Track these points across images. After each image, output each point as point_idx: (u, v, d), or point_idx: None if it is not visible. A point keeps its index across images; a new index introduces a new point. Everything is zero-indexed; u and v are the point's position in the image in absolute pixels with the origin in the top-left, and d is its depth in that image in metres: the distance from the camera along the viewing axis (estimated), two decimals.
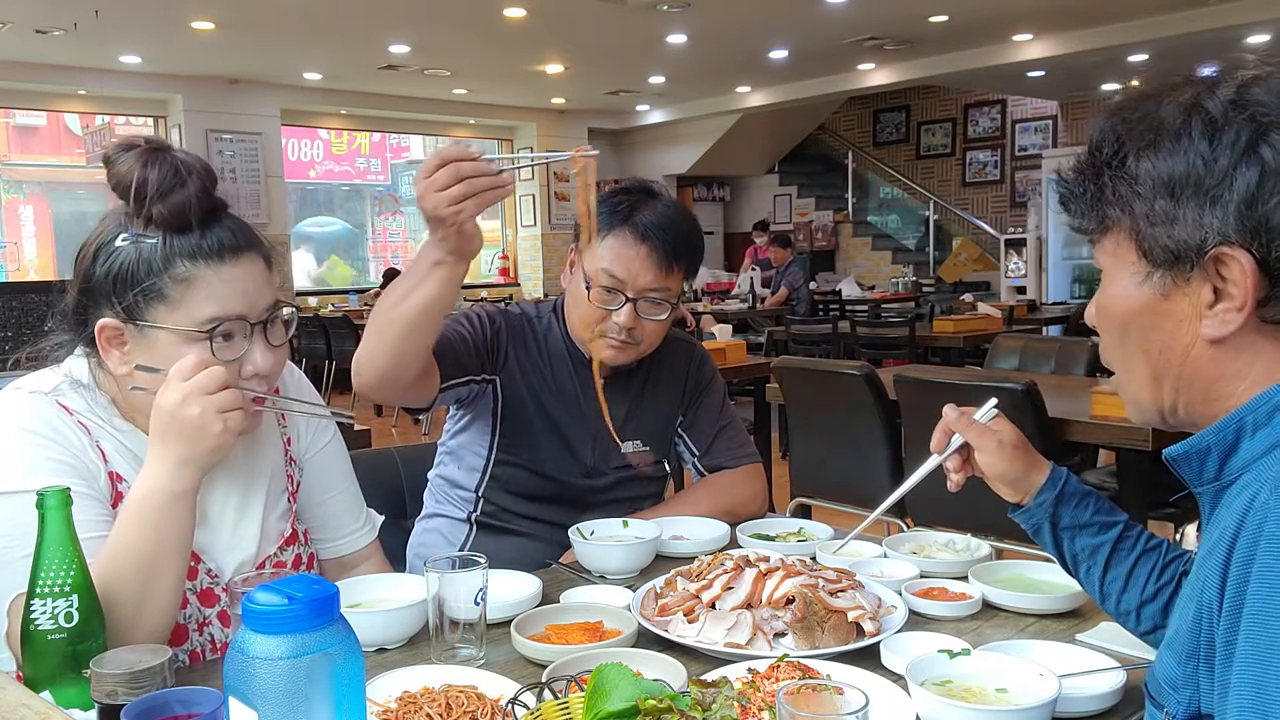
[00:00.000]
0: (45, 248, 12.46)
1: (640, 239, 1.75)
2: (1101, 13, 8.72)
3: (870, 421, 3.49)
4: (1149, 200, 0.82)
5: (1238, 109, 0.79)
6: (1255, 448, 0.79)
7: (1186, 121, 0.81)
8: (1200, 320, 0.82)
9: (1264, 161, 0.77)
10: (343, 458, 1.57)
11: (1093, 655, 1.19)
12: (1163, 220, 0.82)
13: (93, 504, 1.22)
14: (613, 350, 1.80)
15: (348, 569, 1.55)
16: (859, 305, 9.40)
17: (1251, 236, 0.78)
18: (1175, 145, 0.81)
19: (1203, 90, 0.81)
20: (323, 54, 9.70)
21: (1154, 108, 0.84)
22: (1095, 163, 0.88)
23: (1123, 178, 0.84)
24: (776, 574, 1.33)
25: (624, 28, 8.77)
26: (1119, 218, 0.86)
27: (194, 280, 1.24)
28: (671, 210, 1.81)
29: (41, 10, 7.72)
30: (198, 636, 1.33)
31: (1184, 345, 0.84)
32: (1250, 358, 0.81)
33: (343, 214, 14.75)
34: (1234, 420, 0.80)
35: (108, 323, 1.25)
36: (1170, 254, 0.82)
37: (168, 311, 1.24)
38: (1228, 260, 0.79)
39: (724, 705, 0.94)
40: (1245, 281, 0.78)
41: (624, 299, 1.77)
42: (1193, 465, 0.84)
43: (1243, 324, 0.80)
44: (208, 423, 1.17)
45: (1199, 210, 0.79)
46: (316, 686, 0.79)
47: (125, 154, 1.24)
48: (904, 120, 15.21)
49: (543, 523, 1.84)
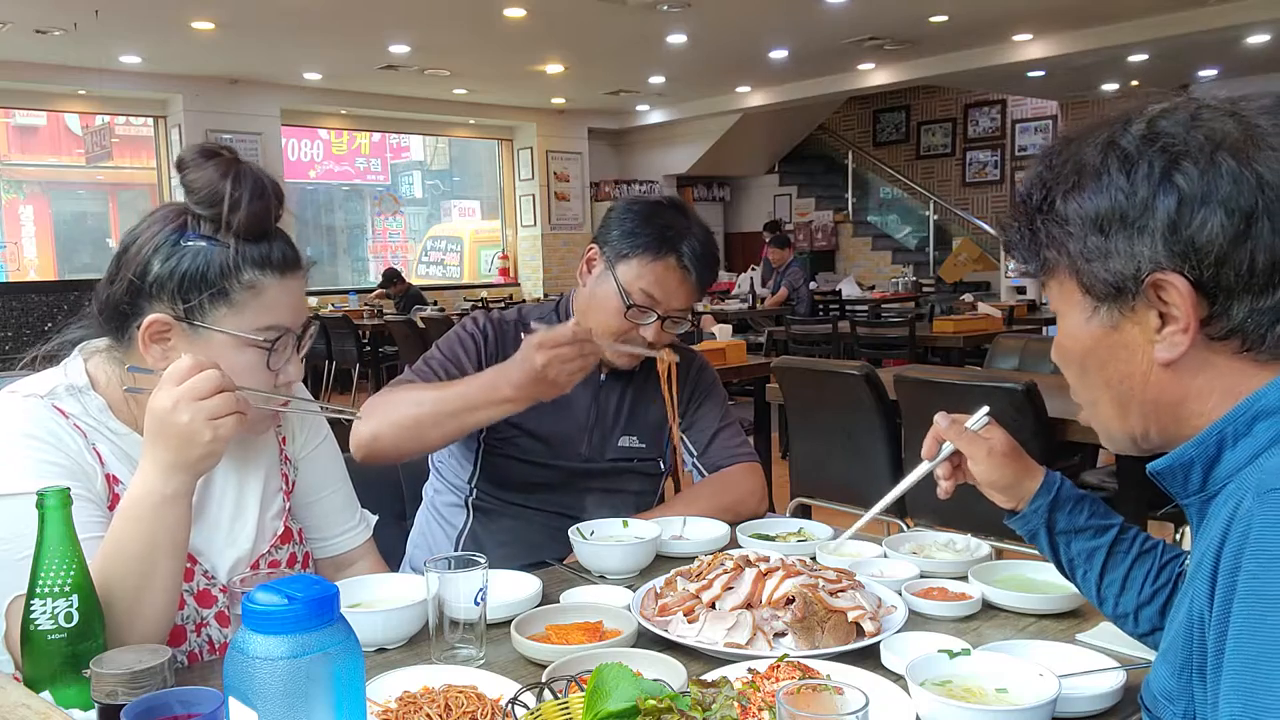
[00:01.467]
0: (45, 248, 12.46)
1: (686, 269, 1.82)
2: (1101, 13, 8.72)
3: (870, 421, 3.49)
4: (1081, 239, 0.86)
5: (1148, 142, 0.83)
6: (1238, 457, 0.81)
7: (1105, 159, 0.85)
8: (1152, 345, 0.85)
9: (1179, 189, 0.80)
10: (336, 457, 1.58)
11: (1093, 655, 1.19)
12: (1097, 256, 0.85)
13: (89, 506, 1.22)
14: (629, 359, 1.87)
15: (343, 568, 1.56)
16: (859, 305, 9.40)
17: (1182, 260, 0.81)
18: (1097, 184, 0.85)
19: (1117, 128, 0.86)
20: (323, 54, 9.70)
21: (1075, 151, 0.88)
22: (1027, 209, 0.92)
23: (1054, 220, 0.88)
24: (776, 574, 1.33)
25: (624, 28, 8.77)
26: (1056, 259, 0.89)
27: (260, 289, 1.28)
28: (707, 237, 1.89)
29: (41, 10, 7.72)
30: (195, 638, 1.33)
31: (1142, 372, 0.87)
32: (1209, 376, 0.84)
33: (343, 214, 14.76)
34: (1215, 432, 0.82)
35: (158, 318, 1.26)
36: (1111, 287, 0.85)
37: (230, 315, 1.27)
38: (1165, 285, 0.82)
39: (724, 705, 0.94)
40: (1185, 304, 0.81)
41: (655, 316, 1.82)
42: (1177, 478, 0.86)
43: (1191, 344, 0.82)
44: (197, 430, 1.16)
45: (1128, 242, 0.83)
46: (316, 686, 0.79)
47: (206, 162, 1.27)
48: (904, 120, 15.21)
49: (539, 510, 1.87)
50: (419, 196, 15.78)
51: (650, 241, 1.81)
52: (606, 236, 1.86)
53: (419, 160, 15.62)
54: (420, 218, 15.64)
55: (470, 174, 15.56)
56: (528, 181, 13.65)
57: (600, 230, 1.89)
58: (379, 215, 14.98)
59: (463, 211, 15.43)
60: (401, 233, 15.25)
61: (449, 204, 15.70)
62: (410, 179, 15.71)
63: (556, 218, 13.64)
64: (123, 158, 12.69)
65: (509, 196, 13.96)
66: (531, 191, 13.60)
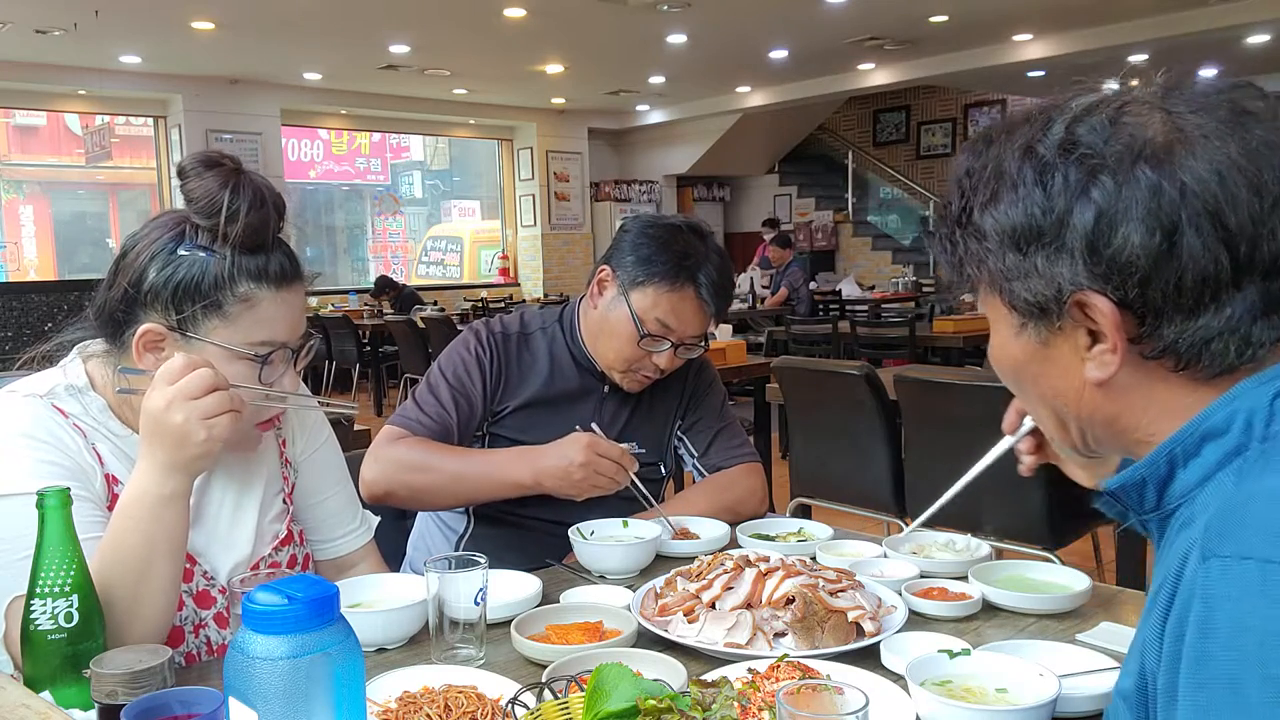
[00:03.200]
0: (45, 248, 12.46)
1: (703, 299, 1.80)
2: (1101, 13, 8.72)
3: (870, 421, 3.49)
4: (999, 255, 0.81)
5: (1065, 151, 0.77)
6: (1190, 477, 0.77)
7: (1021, 168, 0.79)
8: (1083, 364, 0.80)
9: (1096, 203, 0.75)
10: (337, 459, 1.57)
11: (1093, 655, 1.19)
12: (1017, 275, 0.80)
13: (88, 506, 1.22)
14: (639, 384, 1.87)
15: (344, 570, 1.55)
16: (859, 305, 9.38)
17: (1104, 280, 0.75)
18: (1014, 195, 0.79)
19: (1036, 131, 0.80)
20: (323, 54, 9.71)
21: (995, 155, 0.82)
22: (947, 220, 0.86)
23: (972, 234, 0.83)
24: (776, 574, 1.33)
25: (624, 28, 8.77)
26: (977, 275, 0.84)
27: (254, 301, 1.26)
28: (724, 264, 1.85)
29: (41, 10, 7.72)
30: (193, 639, 1.33)
31: (1075, 389, 0.82)
32: (1144, 393, 0.79)
33: (343, 214, 14.75)
34: (1164, 452, 0.78)
35: (151, 328, 1.25)
36: (1034, 306, 0.80)
37: (223, 327, 1.25)
38: (1088, 305, 0.77)
39: (724, 705, 0.94)
40: (1110, 324, 0.76)
41: (669, 345, 1.81)
42: (1131, 496, 0.82)
43: (1122, 363, 0.78)
44: (192, 430, 1.16)
45: (1047, 261, 0.78)
46: (316, 686, 0.79)
47: (206, 171, 1.26)
48: (904, 120, 15.22)
49: (540, 520, 1.85)
50: (419, 196, 15.79)
51: (667, 270, 1.77)
52: (621, 260, 1.82)
53: (419, 160, 15.62)
54: (420, 218, 15.64)
55: (470, 174, 15.56)
56: (528, 181, 13.65)
57: (614, 251, 1.85)
58: (379, 215, 14.98)
59: (463, 211, 15.44)
60: (401, 233, 15.25)
61: (449, 204, 15.71)
62: (410, 179, 15.71)
63: (556, 218, 13.64)
64: (123, 158, 12.69)
65: (509, 196, 13.97)
66: (531, 191, 13.60)
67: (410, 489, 1.77)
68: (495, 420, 1.88)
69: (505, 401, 1.88)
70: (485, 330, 1.93)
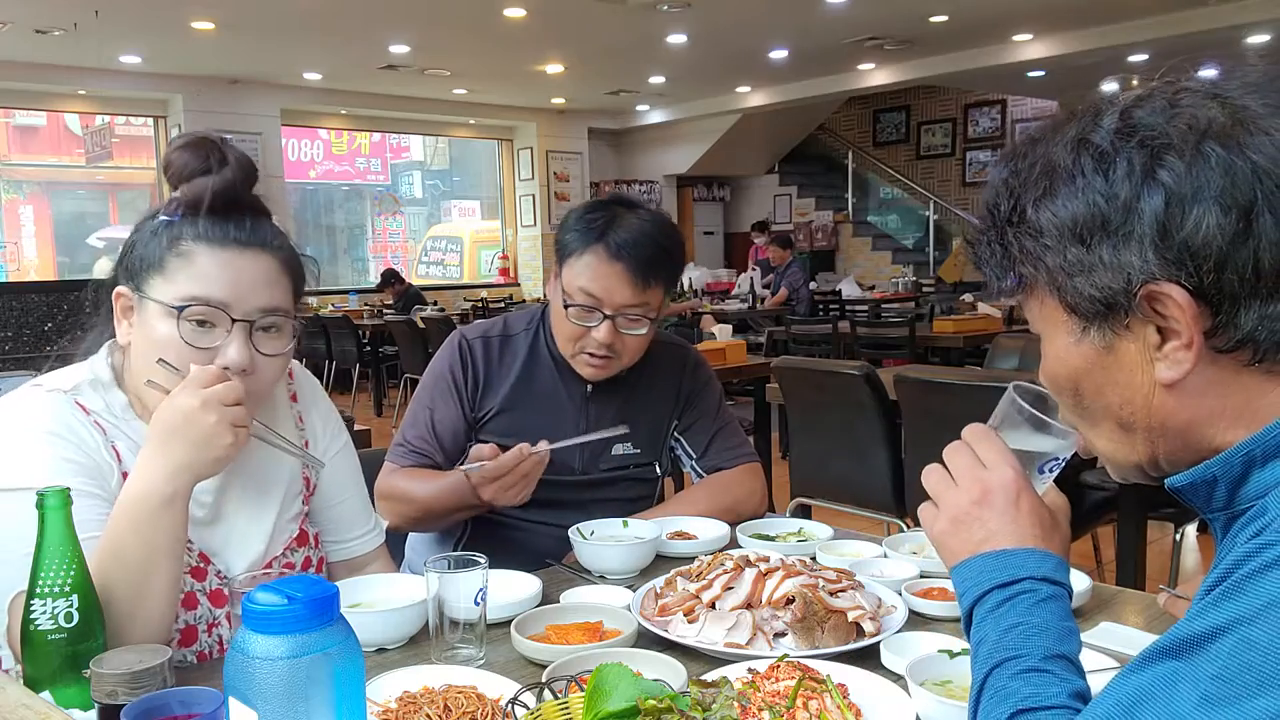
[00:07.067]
0: (45, 248, 12.46)
1: (614, 257, 1.74)
2: (1101, 13, 8.72)
3: (870, 421, 3.49)
4: (1059, 251, 0.76)
5: (1124, 136, 0.74)
6: (1267, 478, 0.73)
7: (1077, 159, 0.75)
8: (1153, 365, 0.75)
9: (1165, 186, 0.71)
10: (354, 461, 1.59)
11: (1093, 655, 1.19)
12: (1080, 270, 0.76)
13: (101, 504, 1.22)
14: (593, 368, 1.83)
15: (356, 571, 1.55)
16: (859, 305, 9.39)
17: (1177, 267, 0.71)
18: (1072, 186, 0.75)
19: (1086, 123, 0.77)
20: (323, 54, 9.70)
21: (1042, 152, 0.78)
22: (995, 221, 0.82)
23: (1026, 232, 0.78)
24: (776, 574, 1.33)
25: (624, 28, 8.77)
26: (1034, 275, 0.80)
27: (189, 256, 1.25)
28: (648, 224, 1.78)
29: (41, 10, 7.72)
30: (206, 637, 1.33)
31: (1144, 395, 0.77)
32: (1219, 394, 0.75)
33: (343, 214, 14.75)
34: (1240, 452, 0.74)
35: (122, 290, 1.29)
36: (1099, 304, 0.76)
37: (161, 284, 1.26)
38: (1160, 297, 0.72)
39: (724, 705, 0.94)
40: (1185, 316, 0.72)
41: (602, 316, 1.77)
42: (1200, 494, 0.78)
43: (1196, 360, 0.73)
44: (220, 432, 1.18)
45: (1114, 251, 0.73)
46: (316, 686, 0.79)
47: (185, 146, 1.29)
48: (904, 120, 15.21)
49: (537, 523, 1.85)
50: (419, 196, 15.79)
51: (578, 236, 1.78)
52: (558, 246, 1.84)
53: (419, 160, 15.62)
54: (420, 218, 15.64)
55: (470, 174, 15.55)
56: (528, 181, 13.65)
57: (559, 244, 1.86)
58: (379, 215, 14.98)
59: (463, 211, 15.44)
60: (401, 233, 15.24)
61: (449, 204, 15.70)
62: (410, 179, 15.71)
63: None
64: (122, 158, 12.69)
65: (509, 196, 13.97)
66: (531, 191, 13.60)
67: (405, 519, 1.85)
68: (481, 426, 1.88)
69: (486, 406, 1.89)
70: (460, 337, 1.94)
